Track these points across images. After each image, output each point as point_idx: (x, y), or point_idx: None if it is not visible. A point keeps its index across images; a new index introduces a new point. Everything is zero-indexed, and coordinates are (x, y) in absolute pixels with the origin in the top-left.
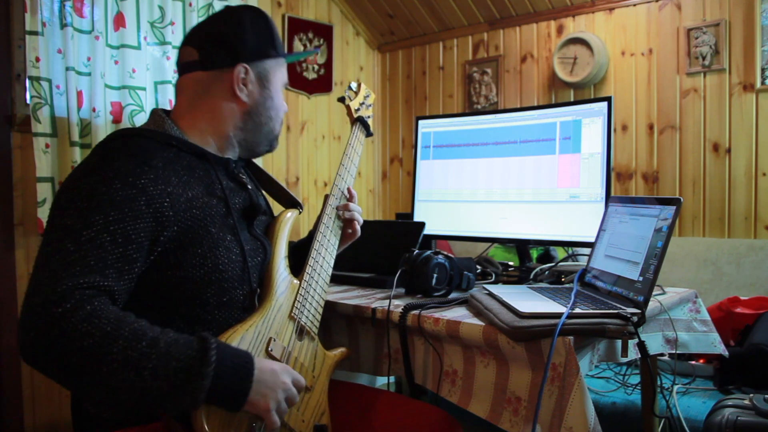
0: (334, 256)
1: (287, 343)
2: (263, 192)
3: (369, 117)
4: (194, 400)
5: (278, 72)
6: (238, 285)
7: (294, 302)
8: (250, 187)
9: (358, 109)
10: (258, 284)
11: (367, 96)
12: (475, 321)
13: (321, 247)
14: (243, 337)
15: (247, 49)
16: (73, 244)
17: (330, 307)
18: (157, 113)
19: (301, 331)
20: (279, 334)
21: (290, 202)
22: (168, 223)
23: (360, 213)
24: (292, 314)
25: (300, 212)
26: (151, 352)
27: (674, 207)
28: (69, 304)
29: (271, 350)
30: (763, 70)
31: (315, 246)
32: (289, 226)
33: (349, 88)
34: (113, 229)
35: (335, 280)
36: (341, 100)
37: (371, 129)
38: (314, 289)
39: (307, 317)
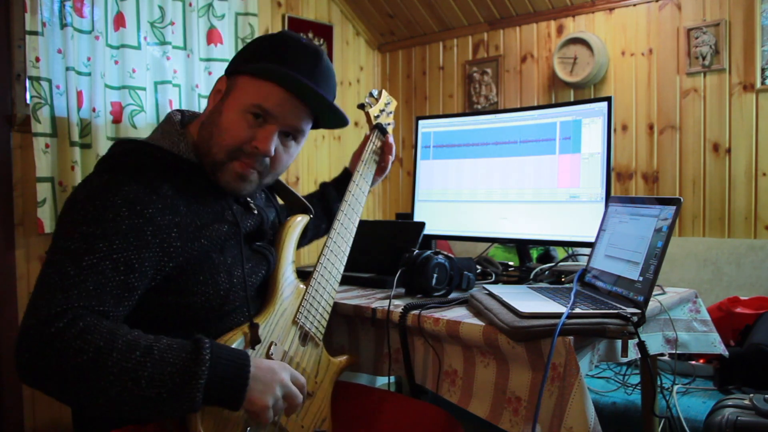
0: (344, 260)
1: (288, 348)
2: (274, 198)
3: (389, 124)
4: (192, 401)
5: (246, 89)
6: (240, 305)
7: (299, 307)
8: (256, 212)
9: (377, 116)
10: (259, 299)
11: (388, 103)
12: (475, 321)
13: (330, 252)
14: (242, 339)
15: (235, 62)
16: (74, 268)
17: None
18: (172, 121)
19: (305, 337)
20: (281, 339)
21: (302, 209)
22: (175, 254)
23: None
24: (296, 319)
25: (311, 218)
26: (146, 360)
27: (674, 207)
28: (62, 323)
29: (272, 354)
30: (763, 70)
31: (324, 252)
32: (297, 231)
33: (370, 94)
34: (116, 257)
35: None
36: (361, 106)
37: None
38: (321, 295)
39: (312, 323)
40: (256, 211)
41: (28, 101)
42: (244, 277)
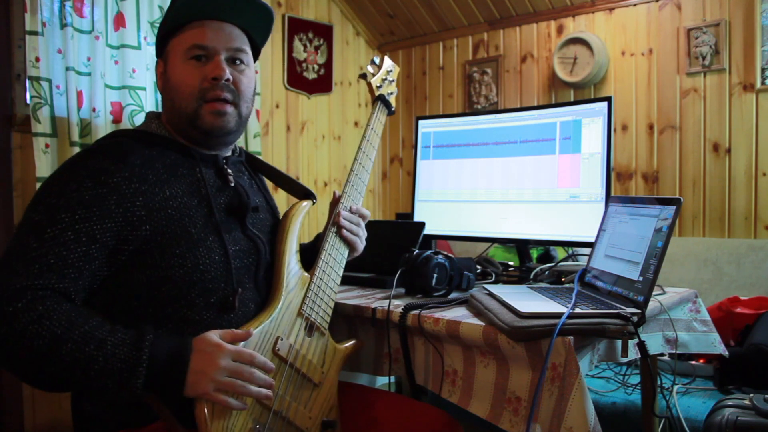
0: (345, 257)
1: (294, 341)
2: (265, 189)
3: (392, 93)
4: (133, 395)
5: (177, 47)
6: (225, 286)
7: (304, 298)
8: (233, 184)
9: (380, 86)
10: (244, 285)
11: (390, 71)
12: (475, 321)
13: (332, 247)
14: (249, 338)
15: (156, 44)
16: (37, 240)
17: None
18: (149, 115)
19: (311, 328)
20: (287, 333)
21: (303, 194)
22: (139, 222)
23: (361, 227)
24: (302, 310)
25: (314, 203)
26: (98, 355)
27: (674, 207)
28: (20, 303)
29: (278, 350)
30: (763, 70)
31: (325, 247)
32: (300, 218)
33: (372, 62)
34: (78, 228)
35: None
36: (363, 76)
37: (393, 106)
38: (326, 283)
39: (317, 313)
40: (233, 184)
41: (28, 101)
42: (224, 246)
